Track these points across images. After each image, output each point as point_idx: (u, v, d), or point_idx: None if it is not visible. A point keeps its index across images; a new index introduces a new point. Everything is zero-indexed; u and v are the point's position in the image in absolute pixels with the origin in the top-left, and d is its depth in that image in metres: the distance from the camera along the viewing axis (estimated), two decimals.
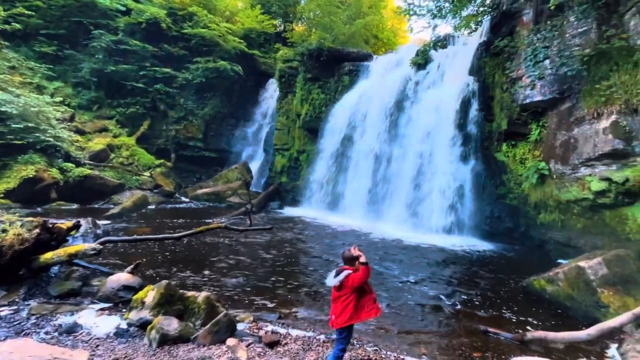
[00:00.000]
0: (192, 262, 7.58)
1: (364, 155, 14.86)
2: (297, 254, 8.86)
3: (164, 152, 21.26)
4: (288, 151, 19.16)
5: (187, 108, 22.00)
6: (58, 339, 4.08)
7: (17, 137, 12.82)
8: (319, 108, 17.45)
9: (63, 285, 5.50)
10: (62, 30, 20.36)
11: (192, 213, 14.15)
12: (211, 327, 4.06)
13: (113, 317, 4.72)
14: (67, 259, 5.91)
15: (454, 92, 12.68)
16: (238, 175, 18.30)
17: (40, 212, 11.56)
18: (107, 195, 15.09)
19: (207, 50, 22.14)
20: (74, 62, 20.23)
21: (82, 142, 16.63)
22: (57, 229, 6.34)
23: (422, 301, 6.18)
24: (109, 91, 20.55)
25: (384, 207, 13.60)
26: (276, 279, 6.90)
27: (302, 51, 17.85)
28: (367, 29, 24.20)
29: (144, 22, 20.74)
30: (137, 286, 5.41)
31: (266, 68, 23.95)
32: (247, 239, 10.04)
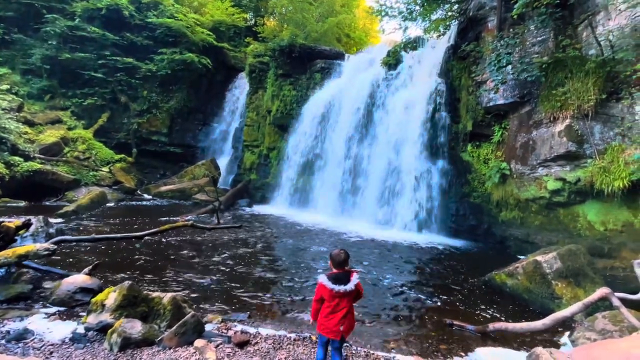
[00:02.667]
0: (156, 263, 7.29)
1: (335, 153, 15.00)
2: (267, 253, 8.75)
3: (124, 146, 20.27)
4: (258, 148, 18.92)
5: (151, 101, 21.11)
6: (5, 347, 3.79)
7: None
8: (290, 105, 17.36)
9: (11, 289, 5.11)
10: (10, 12, 18.90)
11: (155, 211, 13.60)
12: (177, 329, 3.92)
13: (69, 321, 4.45)
14: (16, 260, 5.49)
15: (423, 93, 13.09)
16: (205, 171, 17.82)
17: None
18: (60, 191, 14.17)
19: (173, 41, 21.35)
20: (23, 48, 18.85)
21: (32, 134, 15.50)
22: (5, 227, 5.90)
23: (390, 297, 6.33)
24: (63, 80, 19.33)
25: (354, 205, 13.82)
26: (246, 278, 6.79)
27: (274, 47, 17.66)
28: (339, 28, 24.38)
29: (103, 8, 19.63)
30: (96, 288, 5.13)
31: (236, 62, 23.46)
32: (215, 237, 9.78)
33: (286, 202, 15.98)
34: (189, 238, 9.53)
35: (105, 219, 11.28)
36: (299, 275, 7.22)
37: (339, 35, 24.72)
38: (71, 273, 5.76)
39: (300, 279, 6.95)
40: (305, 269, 7.67)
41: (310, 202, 15.25)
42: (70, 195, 14.03)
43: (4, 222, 6.06)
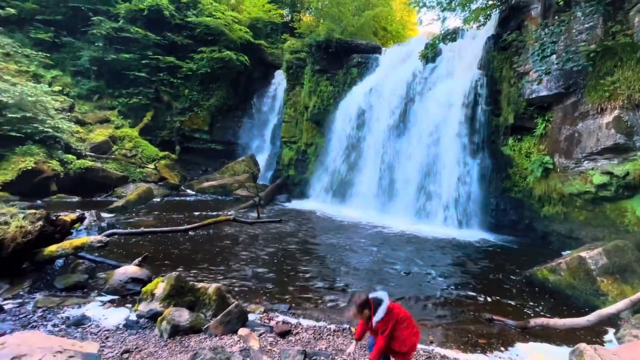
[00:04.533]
0: (200, 255, 7.62)
1: (373, 148, 14.92)
2: (305, 247, 8.92)
3: (168, 144, 21.28)
4: (296, 144, 19.13)
5: (192, 99, 21.98)
6: (66, 331, 4.10)
7: (14, 127, 12.80)
8: (327, 100, 17.39)
9: (69, 278, 5.53)
10: (59, 16, 20.25)
11: (198, 206, 14.20)
12: (222, 318, 4.07)
13: (121, 309, 4.74)
14: (72, 251, 5.94)
15: (462, 86, 12.77)
16: (245, 167, 18.31)
17: (41, 204, 11.63)
18: (109, 187, 15.14)
19: (212, 40, 22.03)
20: (73, 50, 20.18)
21: (83, 133, 16.69)
22: (61, 221, 6.37)
23: (429, 291, 6.35)
24: (110, 81, 20.55)
25: (392, 200, 13.75)
26: (286, 271, 6.99)
27: (310, 42, 17.74)
28: (375, 21, 23.98)
29: (145, 8, 20.58)
30: (146, 278, 5.44)
31: (273, 59, 23.80)
32: (256, 231, 10.09)
33: (324, 197, 16.11)
34: (231, 232, 9.87)
35: (152, 214, 11.92)
36: (337, 268, 7.35)
37: (375, 28, 24.32)
38: (122, 264, 6.13)
39: (338, 273, 7.07)
40: (342, 263, 7.77)
41: (347, 197, 15.29)
42: (119, 191, 14.94)
43: (61, 216, 6.55)
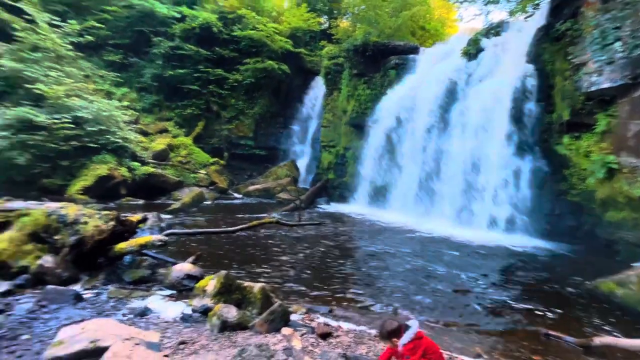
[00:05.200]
0: (246, 254, 7.97)
1: (412, 150, 14.57)
2: (344, 250, 8.94)
3: (217, 150, 22.41)
4: (334, 148, 19.28)
5: (238, 108, 22.98)
6: (133, 321, 4.50)
7: (92, 139, 14.21)
8: (365, 104, 17.33)
9: (135, 273, 6.05)
10: (127, 39, 22.17)
11: (244, 208, 14.80)
12: (267, 316, 4.26)
13: (178, 303, 5.11)
14: (137, 249, 6.50)
15: (509, 82, 11.95)
16: (286, 172, 18.80)
17: (113, 206, 12.71)
18: (168, 191, 16.24)
19: (255, 51, 22.86)
20: (138, 69, 21.97)
21: (146, 142, 18.05)
22: (129, 221, 6.98)
23: (476, 301, 5.96)
24: (167, 94, 22.05)
25: (434, 203, 13.30)
26: (326, 273, 7.05)
27: (348, 47, 17.79)
28: (413, 21, 23.48)
29: (197, 27, 21.88)
30: (199, 275, 5.81)
31: (312, 66, 24.20)
32: (297, 233, 10.30)
33: (363, 201, 16.04)
34: (273, 234, 10.16)
35: (203, 215, 12.61)
36: (377, 273, 7.24)
37: (413, 28, 23.81)
38: (179, 261, 6.58)
39: (377, 277, 6.96)
40: (382, 267, 7.65)
41: (387, 200, 15.09)
42: (175, 195, 15.94)
43: (128, 217, 7.18)
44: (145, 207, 13.07)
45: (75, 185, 13.33)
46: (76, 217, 6.21)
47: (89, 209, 6.96)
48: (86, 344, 3.48)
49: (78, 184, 13.39)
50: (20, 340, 3.82)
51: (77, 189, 13.18)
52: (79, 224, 6.10)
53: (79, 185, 13.34)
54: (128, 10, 22.00)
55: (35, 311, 4.56)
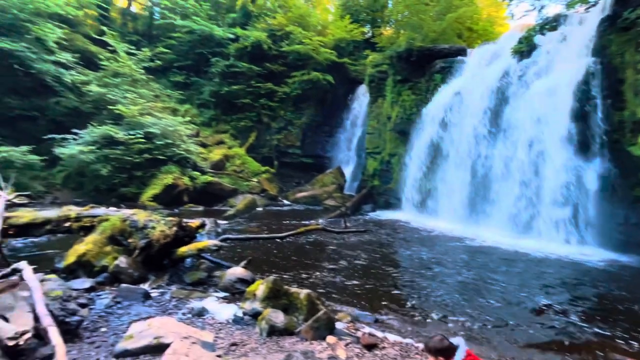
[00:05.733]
0: (293, 260, 8.09)
1: (461, 155, 13.81)
2: (391, 258, 8.71)
3: (268, 159, 23.19)
4: (379, 154, 18.97)
5: (287, 119, 23.64)
6: (191, 320, 4.77)
7: (160, 152, 15.47)
8: (409, 109, 16.88)
9: (194, 275, 6.43)
10: (189, 61, 23.94)
11: (293, 214, 15.09)
12: (312, 323, 4.27)
13: (231, 305, 5.32)
14: (196, 252, 6.89)
15: (568, 79, 10.88)
16: (332, 179, 18.88)
17: (177, 212, 13.63)
18: (224, 198, 17.03)
19: (302, 64, 23.40)
20: (198, 87, 23.57)
21: (205, 153, 19.21)
22: (189, 227, 7.42)
23: (535, 320, 5.40)
24: (224, 109, 23.36)
25: (484, 210, 12.43)
26: (371, 281, 6.90)
27: (391, 54, 17.52)
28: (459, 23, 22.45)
29: (249, 45, 22.98)
30: (250, 279, 6.01)
31: (356, 75, 24.17)
32: (342, 240, 10.25)
33: (409, 208, 15.52)
34: (320, 240, 10.19)
35: (255, 221, 13.06)
36: (425, 283, 6.92)
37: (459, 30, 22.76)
38: (232, 265, 6.88)
39: (426, 287, 6.65)
40: (430, 278, 7.29)
41: (434, 207, 14.44)
42: (231, 202, 16.67)
43: (189, 223, 7.66)
44: (204, 213, 13.84)
45: (147, 193, 14.57)
46: (145, 222, 6.77)
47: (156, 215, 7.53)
48: (151, 340, 3.76)
49: (149, 192, 14.61)
50: (99, 332, 4.23)
51: (148, 197, 14.39)
52: (147, 229, 6.63)
53: (149, 193, 14.55)
54: (190, 35, 23.76)
55: (112, 306, 5.02)
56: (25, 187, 12.44)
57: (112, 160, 14.53)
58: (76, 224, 7.08)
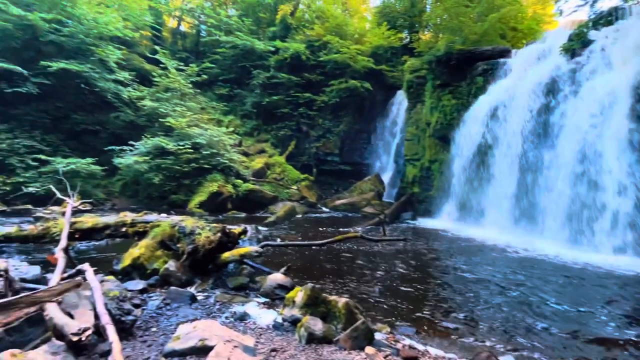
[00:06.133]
0: (331, 267, 8.07)
1: (507, 161, 13.05)
2: (432, 268, 8.38)
3: (307, 167, 23.50)
4: (419, 161, 18.49)
5: (325, 127, 23.86)
6: (234, 324, 4.89)
7: (206, 161, 16.29)
8: (450, 114, 16.32)
9: (236, 280, 6.61)
10: (232, 74, 25.08)
11: (331, 222, 15.08)
12: (351, 333, 4.21)
13: (271, 311, 5.40)
14: (239, 258, 7.10)
15: (628, 77, 9.94)
16: (371, 186, 18.67)
17: (221, 219, 14.18)
18: (265, 205, 17.47)
19: (339, 73, 23.58)
20: (241, 98, 24.58)
21: (247, 162, 19.89)
22: (232, 233, 7.68)
23: (605, 354, 4.77)
24: (265, 119, 24.12)
25: (535, 219, 11.61)
26: (411, 292, 6.68)
27: (430, 59, 17.12)
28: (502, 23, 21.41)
29: (288, 57, 23.62)
30: (289, 286, 6.07)
31: (394, 81, 23.89)
32: (381, 249, 10.07)
33: (451, 215, 14.90)
34: (358, 248, 10.08)
35: (294, 228, 13.22)
36: (468, 294, 6.57)
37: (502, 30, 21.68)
38: (273, 271, 7.00)
39: (469, 301, 6.31)
40: (475, 291, 6.87)
41: (478, 215, 13.71)
42: (271, 209, 17.04)
43: (232, 229, 7.94)
44: (246, 220, 14.28)
45: (194, 200, 15.34)
46: (192, 228, 7.11)
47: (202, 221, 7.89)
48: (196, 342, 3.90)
49: (196, 199, 15.38)
50: (150, 332, 4.48)
51: (195, 204, 15.15)
52: (194, 235, 6.95)
53: (196, 200, 15.31)
54: (233, 50, 24.92)
55: (162, 308, 5.29)
56: (88, 195, 13.66)
57: (163, 169, 15.52)
58: (131, 229, 7.62)
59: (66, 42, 16.89)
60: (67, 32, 16.78)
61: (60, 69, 15.84)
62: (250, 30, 26.44)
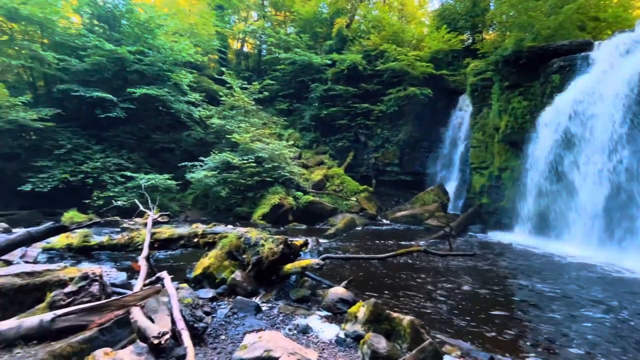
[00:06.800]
0: (393, 282, 7.81)
1: (593, 166, 11.59)
2: (507, 287, 7.67)
3: (366, 178, 23.30)
4: (487, 169, 17.24)
5: (383, 137, 23.54)
6: (297, 337, 4.97)
7: (268, 174, 17.05)
8: (521, 117, 15.02)
9: (299, 292, 6.72)
10: (292, 89, 26.14)
11: (392, 235, 14.67)
12: (417, 354, 4.01)
13: (333, 325, 5.37)
14: (300, 270, 7.23)
15: None
16: (434, 197, 17.83)
17: (282, 230, 14.63)
18: (324, 217, 17.59)
19: (397, 81, 23.21)
20: (299, 112, 25.45)
21: (307, 174, 20.36)
22: (294, 245, 7.86)
23: None
24: (323, 131, 24.60)
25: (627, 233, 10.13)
26: (483, 313, 6.16)
27: (496, 59, 16.04)
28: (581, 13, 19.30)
29: (345, 68, 23.93)
30: (351, 300, 6.00)
31: (456, 86, 22.79)
32: (447, 264, 9.50)
33: (527, 229, 13.56)
34: (421, 263, 9.65)
35: (354, 240, 13.09)
36: (549, 318, 5.87)
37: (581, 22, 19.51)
38: (334, 284, 6.99)
39: (550, 324, 5.63)
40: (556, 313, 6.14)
41: (558, 229, 12.31)
42: (331, 221, 17.09)
43: (293, 241, 8.12)
44: (307, 232, 14.54)
45: (257, 212, 16.09)
46: (256, 240, 7.43)
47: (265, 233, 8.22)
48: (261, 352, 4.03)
49: (259, 211, 16.11)
50: (219, 340, 4.74)
51: (258, 215, 15.88)
52: (258, 246, 7.26)
53: (259, 212, 16.04)
54: (292, 66, 26.02)
55: (230, 316, 5.57)
56: (165, 207, 15.10)
57: (229, 183, 16.58)
58: (202, 240, 8.23)
59: (147, 70, 19.18)
60: (148, 61, 19.10)
61: (143, 94, 18.02)
62: (307, 46, 27.40)
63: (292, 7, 31.01)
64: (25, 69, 18.64)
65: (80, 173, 16.28)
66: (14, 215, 14.11)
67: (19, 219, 13.69)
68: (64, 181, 15.77)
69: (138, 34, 19.78)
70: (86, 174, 16.31)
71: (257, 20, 33.11)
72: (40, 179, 15.42)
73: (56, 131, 17.03)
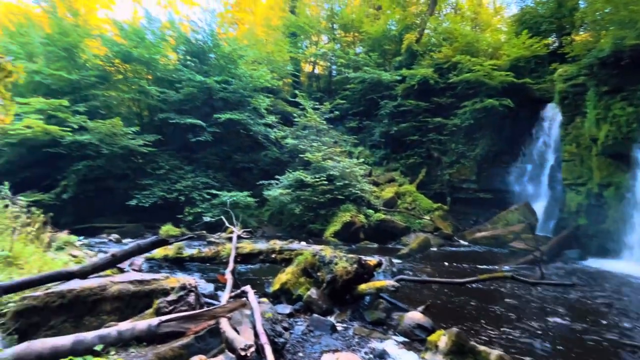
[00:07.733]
0: (475, 311, 7.24)
1: None
2: (614, 324, 6.58)
3: (439, 196, 22.13)
4: (584, 186, 15.15)
5: (458, 152, 22.25)
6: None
7: (339, 192, 17.32)
8: (626, 126, 13.03)
9: (374, 314, 6.63)
10: (361, 107, 26.42)
11: (471, 257, 13.63)
12: None
13: (411, 353, 5.18)
14: (375, 291, 7.14)
15: None
16: (519, 217, 16.17)
17: (354, 249, 14.58)
18: (397, 236, 17.08)
19: (473, 93, 21.89)
20: (369, 129, 25.49)
21: (377, 192, 20.14)
22: (367, 265, 7.80)
23: None
24: (393, 147, 24.25)
25: None
26: (585, 353, 5.38)
27: (590, 62, 14.30)
28: None
29: (415, 83, 23.46)
30: (429, 327, 5.73)
31: (541, 94, 20.61)
32: (537, 294, 8.50)
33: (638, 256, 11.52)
34: (508, 290, 8.78)
35: (429, 262, 12.48)
36: None
37: None
38: (410, 308, 6.75)
39: None
40: None
41: None
42: (404, 240, 16.49)
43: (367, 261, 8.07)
44: (379, 251, 14.29)
45: (329, 230, 16.36)
46: (330, 258, 7.58)
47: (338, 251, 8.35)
48: None
49: (331, 228, 16.36)
50: (297, 356, 4.90)
51: (330, 233, 16.13)
52: (332, 264, 7.40)
53: (331, 229, 16.28)
54: (361, 85, 26.37)
55: (306, 334, 5.74)
56: (245, 223, 16.22)
57: (303, 200, 17.22)
58: (279, 256, 8.66)
59: (230, 96, 21.25)
60: (232, 88, 21.18)
61: (227, 119, 19.97)
62: (376, 64, 27.53)
63: (361, 28, 31.59)
64: (133, 102, 22.16)
65: (175, 191, 18.48)
66: (123, 228, 16.60)
67: (127, 231, 16.09)
68: (162, 198, 18.05)
69: (223, 65, 22.12)
70: (179, 192, 18.46)
71: (327, 43, 34.39)
72: (143, 195, 17.88)
73: (157, 154, 19.68)
